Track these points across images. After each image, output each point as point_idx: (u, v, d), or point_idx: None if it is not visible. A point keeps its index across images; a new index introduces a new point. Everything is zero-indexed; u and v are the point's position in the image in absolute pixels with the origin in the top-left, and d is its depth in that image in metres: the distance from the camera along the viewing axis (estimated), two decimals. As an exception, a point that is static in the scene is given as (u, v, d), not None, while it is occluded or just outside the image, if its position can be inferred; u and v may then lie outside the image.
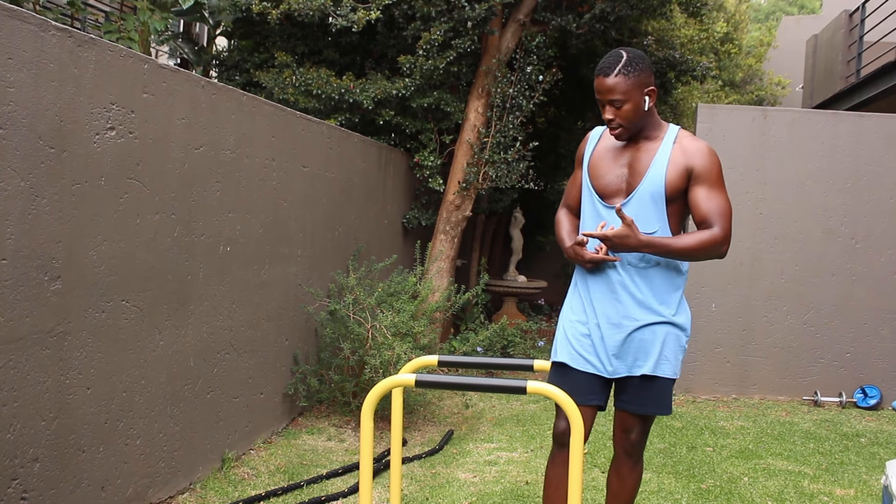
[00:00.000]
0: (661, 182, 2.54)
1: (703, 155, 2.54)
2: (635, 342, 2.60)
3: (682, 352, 2.66)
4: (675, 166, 2.54)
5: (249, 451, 4.24)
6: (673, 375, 2.63)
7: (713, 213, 2.52)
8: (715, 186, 2.54)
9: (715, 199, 2.53)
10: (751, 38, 18.47)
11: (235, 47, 7.98)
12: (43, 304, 2.65)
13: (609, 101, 2.51)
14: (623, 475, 2.75)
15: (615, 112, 2.52)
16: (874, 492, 4.04)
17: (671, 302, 2.62)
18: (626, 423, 2.69)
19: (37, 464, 2.66)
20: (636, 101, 2.51)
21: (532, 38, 6.92)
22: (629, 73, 2.48)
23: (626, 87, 2.48)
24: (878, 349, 6.14)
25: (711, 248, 2.49)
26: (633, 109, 2.51)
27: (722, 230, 2.50)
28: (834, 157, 6.16)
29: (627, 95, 2.49)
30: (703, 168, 2.53)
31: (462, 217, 6.96)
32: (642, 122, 2.57)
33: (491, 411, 5.48)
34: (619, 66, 2.48)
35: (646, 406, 2.64)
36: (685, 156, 2.55)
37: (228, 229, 3.86)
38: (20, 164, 2.52)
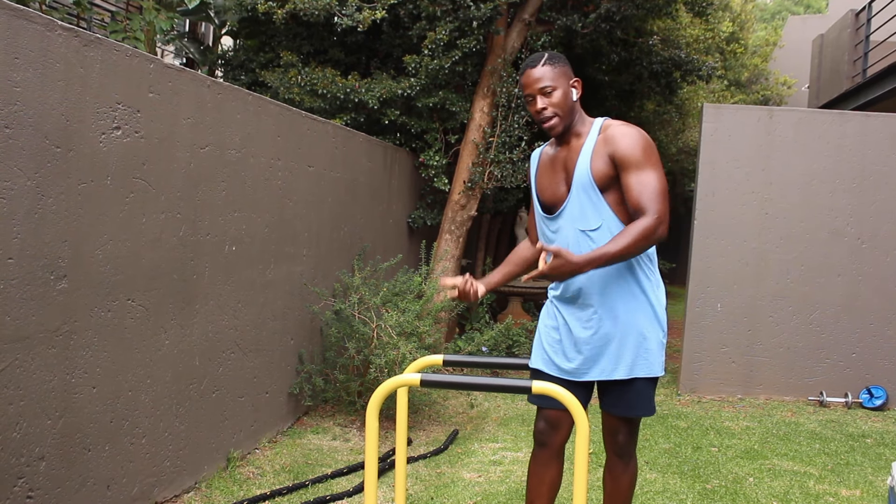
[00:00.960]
0: (586, 174, 2.53)
1: (624, 138, 2.49)
2: (609, 345, 2.58)
3: (660, 349, 2.62)
4: (597, 155, 2.53)
5: (255, 450, 4.24)
6: (650, 374, 2.59)
7: (642, 197, 2.43)
8: (642, 167, 2.46)
9: (643, 181, 2.45)
10: (756, 37, 18.44)
11: (241, 47, 7.99)
12: (49, 304, 2.66)
13: (540, 90, 2.55)
14: (616, 475, 2.74)
15: (547, 101, 2.55)
16: (880, 492, 4.03)
17: (641, 300, 2.59)
18: (611, 426, 2.68)
19: (43, 462, 2.67)
20: (564, 89, 2.56)
21: (537, 38, 6.91)
22: (554, 64, 2.57)
23: (554, 75, 2.55)
24: (884, 349, 6.12)
25: (646, 238, 2.39)
26: (563, 97, 2.55)
27: (653, 214, 2.41)
28: (840, 156, 6.14)
29: (556, 83, 2.55)
30: (626, 151, 2.47)
31: (467, 217, 6.96)
32: (572, 114, 2.60)
33: (496, 411, 5.47)
34: (544, 59, 2.57)
35: (628, 408, 2.62)
36: (606, 143, 2.52)
37: (234, 229, 3.87)
38: (26, 163, 2.53)
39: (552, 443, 2.71)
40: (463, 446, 4.59)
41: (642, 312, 2.59)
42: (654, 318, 2.61)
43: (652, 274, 2.62)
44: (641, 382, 2.59)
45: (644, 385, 2.60)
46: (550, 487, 2.74)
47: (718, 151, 6.18)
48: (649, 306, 2.60)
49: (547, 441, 2.71)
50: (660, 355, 2.61)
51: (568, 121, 2.59)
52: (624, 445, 2.68)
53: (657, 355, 2.60)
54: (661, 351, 2.63)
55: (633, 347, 2.57)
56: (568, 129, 2.62)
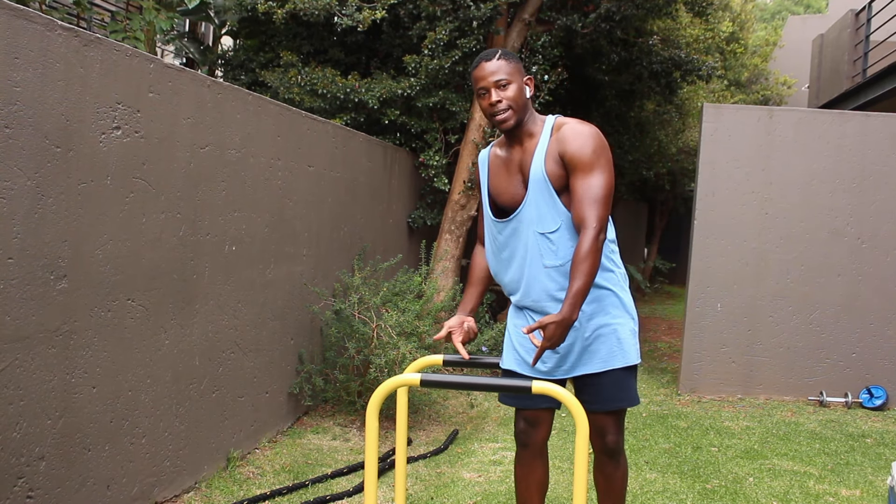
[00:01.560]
0: (541, 175, 2.49)
1: (575, 137, 2.45)
2: (580, 341, 2.56)
3: (633, 336, 2.60)
4: (550, 155, 2.49)
5: (255, 450, 4.24)
6: (626, 363, 2.57)
7: (583, 204, 2.40)
8: (589, 170, 2.42)
9: (587, 185, 2.41)
10: (756, 37, 18.43)
11: (241, 47, 8.00)
12: (49, 303, 2.66)
13: (495, 83, 2.49)
14: (608, 474, 2.72)
15: (502, 94, 2.50)
16: (880, 492, 4.03)
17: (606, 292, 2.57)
18: (597, 425, 2.63)
19: (43, 462, 2.67)
20: (519, 83, 2.53)
21: (537, 38, 6.91)
22: (509, 59, 2.54)
23: (509, 69, 2.51)
24: (884, 349, 6.12)
25: (595, 252, 2.36)
26: (518, 92, 2.51)
27: (591, 226, 2.37)
28: (840, 156, 6.14)
29: (511, 77, 2.51)
30: (575, 152, 2.44)
31: (467, 216, 6.96)
32: (525, 110, 2.55)
33: (496, 411, 5.48)
34: (499, 54, 2.54)
35: (610, 401, 2.59)
36: (558, 142, 2.49)
37: (234, 228, 3.87)
38: (26, 163, 2.53)
39: (533, 441, 2.70)
40: (463, 446, 4.59)
41: (609, 304, 2.58)
42: (621, 308, 2.60)
43: (613, 264, 2.61)
44: (619, 373, 2.58)
45: (622, 375, 2.58)
46: (539, 487, 2.74)
47: (718, 151, 6.18)
48: (615, 297, 2.59)
49: (528, 441, 2.71)
50: (633, 343, 2.60)
51: (521, 116, 2.54)
52: (613, 444, 2.65)
53: (630, 343, 2.59)
54: (634, 338, 2.61)
55: (604, 340, 2.56)
56: (520, 127, 2.57)
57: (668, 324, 10.92)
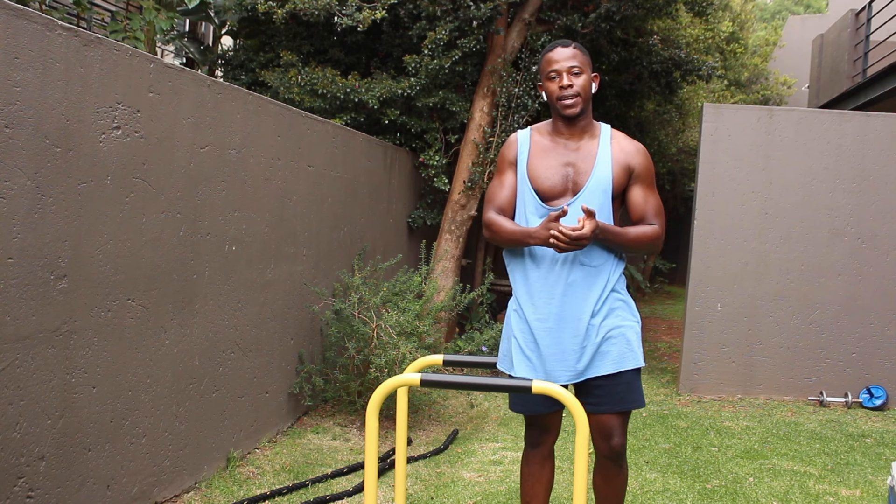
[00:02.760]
0: (608, 179, 2.58)
1: (641, 154, 2.64)
2: (593, 341, 2.57)
3: (638, 339, 2.66)
4: (618, 164, 2.60)
5: (255, 450, 4.24)
6: (637, 365, 2.62)
7: (652, 211, 2.63)
8: (651, 187, 2.65)
9: (652, 198, 2.64)
10: (756, 37, 18.44)
11: (241, 47, 8.00)
12: (49, 303, 2.66)
13: (568, 69, 2.56)
14: (610, 479, 2.70)
15: (573, 79, 2.56)
16: (880, 492, 4.03)
17: (620, 294, 2.64)
18: (604, 427, 2.61)
19: (43, 462, 2.67)
20: (589, 76, 2.60)
21: (537, 38, 6.91)
22: (583, 51, 2.62)
23: (582, 59, 2.59)
24: (884, 349, 6.12)
25: (653, 242, 2.60)
26: (588, 83, 2.59)
27: (661, 228, 2.63)
28: (840, 156, 6.14)
29: (584, 67, 2.58)
30: (642, 168, 2.63)
31: (467, 216, 6.96)
32: (590, 104, 2.63)
33: (496, 411, 5.48)
34: (574, 44, 2.62)
35: (620, 402, 2.60)
36: (625, 154, 2.62)
37: (234, 228, 3.87)
38: (26, 163, 2.53)
39: (544, 443, 2.72)
40: (463, 446, 4.59)
41: (619, 307, 2.63)
42: (628, 311, 2.66)
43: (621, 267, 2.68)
44: (629, 374, 2.61)
45: (632, 376, 2.62)
46: (546, 487, 2.75)
47: (718, 151, 6.18)
48: (623, 301, 2.65)
49: (538, 442, 2.73)
50: (639, 346, 2.66)
51: (585, 107, 2.60)
52: (619, 446, 2.64)
53: (637, 346, 2.64)
54: (639, 341, 2.67)
55: (615, 342, 2.59)
56: (582, 119, 2.62)
57: (668, 324, 10.92)
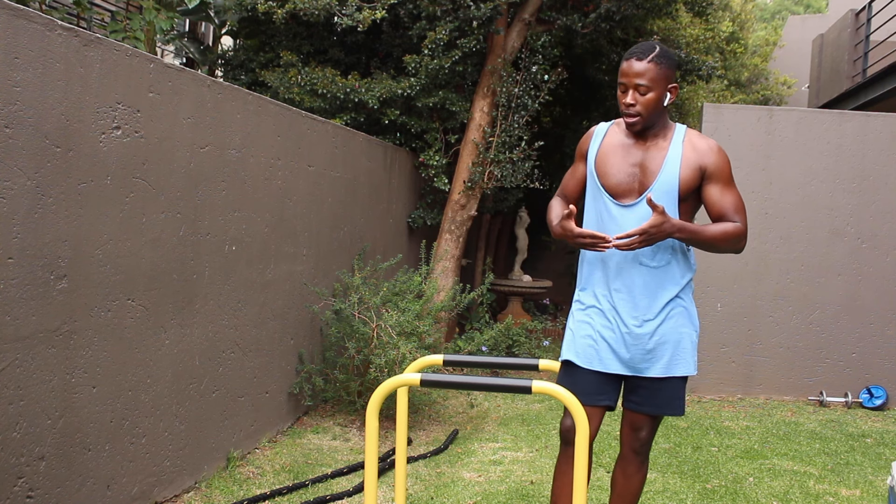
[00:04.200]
0: (675, 181, 2.56)
1: (714, 153, 2.57)
2: (649, 342, 2.60)
3: (693, 348, 2.66)
4: (687, 165, 2.56)
5: (255, 450, 4.24)
6: (686, 373, 2.64)
7: (731, 209, 2.57)
8: (729, 184, 2.59)
9: (730, 196, 2.58)
10: (756, 37, 18.44)
11: (241, 47, 8.00)
12: (49, 303, 2.66)
13: (635, 86, 2.50)
14: (629, 474, 2.74)
15: (637, 98, 2.51)
16: (880, 492, 4.03)
17: (683, 301, 2.64)
18: (636, 423, 2.69)
19: (43, 462, 2.67)
20: (659, 92, 2.52)
21: (537, 38, 6.91)
22: (661, 63, 2.50)
23: (655, 75, 2.49)
24: (883, 349, 6.12)
25: (735, 239, 2.55)
26: (655, 100, 2.51)
27: (743, 225, 2.57)
28: (840, 156, 6.14)
29: (654, 84, 2.49)
30: (716, 166, 2.56)
31: (467, 216, 6.96)
32: (657, 116, 2.57)
33: (496, 411, 5.48)
34: (653, 55, 2.50)
35: (659, 407, 2.64)
36: (697, 154, 2.57)
37: (234, 228, 3.87)
38: (26, 163, 2.53)
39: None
40: (463, 446, 4.59)
41: (680, 313, 2.63)
42: (688, 319, 2.66)
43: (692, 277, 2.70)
44: (676, 381, 2.63)
45: (678, 384, 2.64)
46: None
47: (718, 151, 6.17)
48: (685, 309, 2.65)
49: (572, 438, 2.69)
50: (693, 354, 2.66)
51: (650, 122, 2.57)
52: (645, 442, 2.70)
53: (691, 354, 2.65)
54: (695, 350, 2.67)
55: (671, 347, 2.61)
56: (648, 130, 2.61)
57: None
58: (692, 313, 2.68)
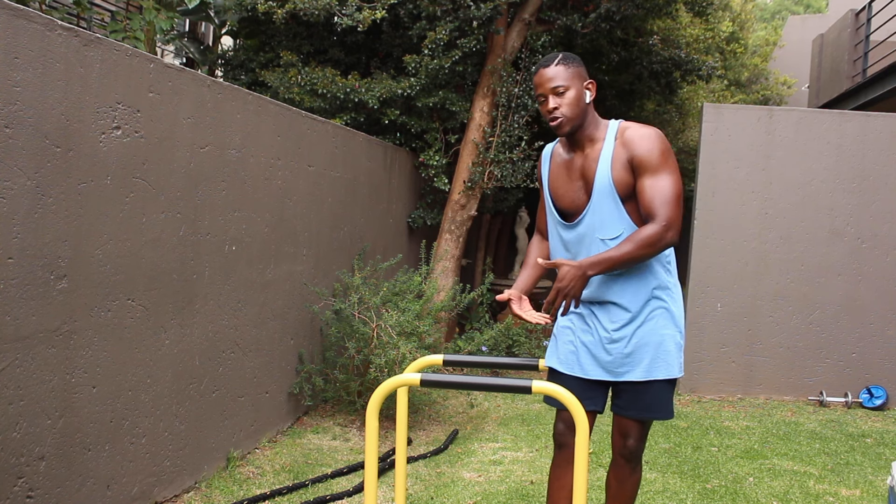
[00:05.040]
0: (608, 183, 2.51)
1: (642, 140, 2.48)
2: (628, 345, 2.57)
3: (678, 350, 2.61)
4: (617, 162, 2.50)
5: (255, 450, 4.24)
6: (669, 376, 2.58)
7: (654, 202, 2.43)
8: (658, 171, 2.45)
9: (657, 185, 2.44)
10: (756, 37, 18.44)
11: (241, 46, 8.00)
12: (49, 303, 2.66)
13: (552, 90, 2.51)
14: (622, 479, 2.72)
15: (558, 100, 2.51)
16: (880, 492, 4.03)
17: (663, 302, 2.59)
18: (623, 428, 2.65)
19: (43, 462, 2.67)
20: (578, 89, 2.52)
21: (537, 38, 6.91)
22: (568, 64, 2.53)
23: (567, 74, 2.51)
24: (883, 349, 6.12)
25: (652, 244, 2.40)
26: (576, 98, 2.51)
27: (661, 220, 2.41)
28: (840, 156, 6.14)
29: (569, 83, 2.51)
30: (643, 155, 2.46)
31: (467, 216, 6.96)
32: (584, 116, 2.55)
33: (496, 411, 5.48)
34: (558, 59, 2.54)
35: (643, 411, 2.60)
36: (625, 148, 2.50)
37: (234, 228, 3.87)
38: (26, 163, 2.53)
39: (572, 443, 2.69)
40: (463, 446, 4.59)
41: (660, 315, 2.58)
42: (671, 321, 2.60)
43: (670, 276, 2.62)
44: (659, 384, 2.58)
45: (662, 387, 2.59)
46: (571, 490, 2.72)
47: (718, 151, 6.18)
48: (667, 311, 2.59)
49: (565, 442, 2.70)
50: (678, 356, 2.61)
51: (578, 122, 2.54)
52: (634, 449, 2.65)
53: (675, 356, 2.59)
54: (679, 352, 2.62)
55: (650, 349, 2.56)
56: (580, 132, 2.58)
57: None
58: (675, 314, 2.61)
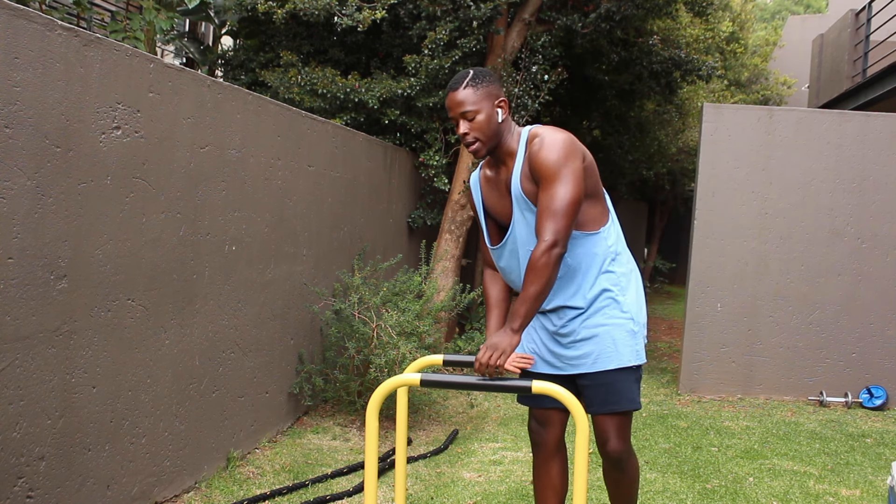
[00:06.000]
0: (521, 196, 2.48)
1: (539, 150, 2.40)
2: (577, 338, 2.55)
3: (631, 337, 2.56)
4: (524, 175, 2.46)
5: (255, 450, 4.24)
6: (620, 365, 2.54)
7: (541, 218, 2.36)
8: (550, 181, 2.37)
9: (545, 198, 2.37)
10: (756, 37, 18.44)
11: (241, 46, 8.00)
12: (49, 303, 2.66)
13: (461, 115, 2.44)
14: (617, 480, 2.70)
15: (469, 125, 2.45)
16: (880, 492, 4.03)
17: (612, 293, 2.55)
18: (598, 429, 2.61)
19: (43, 462, 2.67)
20: (488, 111, 2.45)
21: (537, 38, 6.91)
22: (478, 85, 2.45)
23: (476, 97, 2.44)
24: (883, 349, 6.12)
25: (545, 267, 2.33)
26: (486, 120, 2.44)
27: (544, 239, 2.34)
28: (840, 156, 6.14)
29: (478, 105, 2.44)
30: (538, 166, 2.40)
31: (467, 216, 6.96)
32: (498, 136, 2.49)
33: (496, 411, 5.48)
34: (467, 80, 2.45)
35: (604, 404, 2.55)
36: (528, 159, 2.45)
37: (234, 228, 3.87)
38: (26, 163, 2.53)
39: (546, 441, 2.71)
40: (463, 446, 4.59)
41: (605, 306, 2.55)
42: (618, 309, 2.55)
43: (616, 264, 2.58)
44: (614, 374, 2.54)
45: (615, 376, 2.54)
46: (554, 488, 2.73)
47: (718, 151, 6.18)
48: (612, 299, 2.55)
49: (540, 440, 2.72)
50: (629, 344, 2.55)
51: (493, 143, 2.49)
52: (614, 451, 2.59)
53: (626, 344, 2.55)
54: (633, 339, 2.57)
55: (597, 341, 2.54)
56: (498, 150, 2.53)
57: (668, 324, 10.93)
58: (623, 302, 2.56)
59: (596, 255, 2.54)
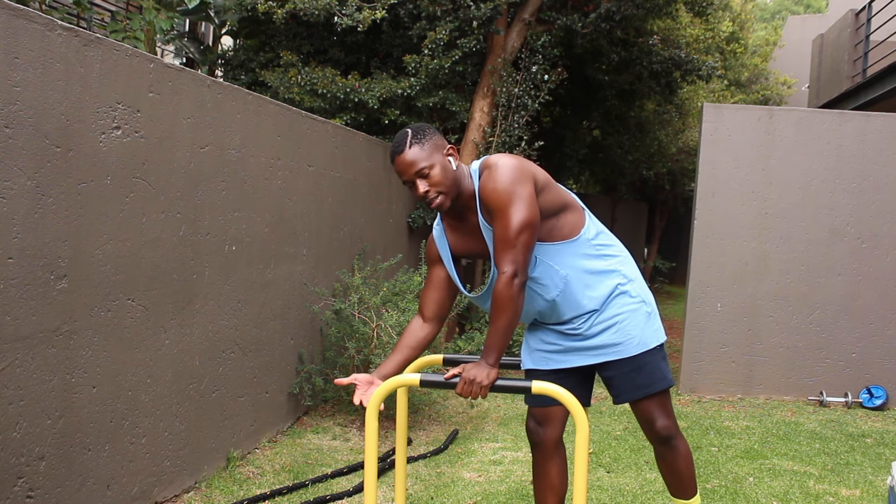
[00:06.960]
0: (488, 230, 2.45)
1: (485, 183, 2.37)
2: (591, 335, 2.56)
3: (646, 318, 2.58)
4: (486, 212, 2.42)
5: (255, 450, 4.24)
6: (644, 349, 2.55)
7: (496, 250, 2.34)
8: (500, 211, 2.33)
9: (498, 230, 2.34)
10: (756, 37, 18.45)
11: (241, 46, 8.00)
12: (49, 303, 2.66)
13: (417, 174, 2.37)
14: (669, 461, 2.69)
15: (427, 182, 2.38)
16: (880, 492, 4.03)
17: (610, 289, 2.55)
18: (643, 414, 2.62)
19: (43, 462, 2.67)
20: (441, 163, 2.39)
21: (537, 38, 6.91)
22: (422, 141, 2.39)
23: (425, 153, 2.38)
24: (884, 349, 6.12)
25: (508, 300, 2.32)
26: (442, 173, 2.38)
27: (503, 271, 2.32)
28: (840, 156, 6.14)
29: (430, 160, 2.37)
30: (487, 197, 2.36)
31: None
32: (457, 184, 2.43)
33: (496, 411, 5.48)
34: (408, 140, 2.39)
35: (642, 388, 2.57)
36: (479, 193, 2.41)
37: (234, 228, 3.87)
38: (26, 163, 2.53)
39: (544, 440, 2.71)
40: (463, 446, 4.59)
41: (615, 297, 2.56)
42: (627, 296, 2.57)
43: (607, 259, 2.58)
44: (639, 359, 2.56)
45: (640, 360, 2.56)
46: (553, 488, 2.73)
47: (718, 151, 6.18)
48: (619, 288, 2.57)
49: (538, 439, 2.72)
50: (647, 325, 2.57)
51: (454, 193, 2.43)
52: (664, 429, 2.61)
53: (644, 327, 2.56)
54: (649, 319, 2.59)
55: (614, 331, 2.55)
56: (459, 199, 2.48)
57: (668, 324, 10.91)
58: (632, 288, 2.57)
59: (586, 256, 2.56)
